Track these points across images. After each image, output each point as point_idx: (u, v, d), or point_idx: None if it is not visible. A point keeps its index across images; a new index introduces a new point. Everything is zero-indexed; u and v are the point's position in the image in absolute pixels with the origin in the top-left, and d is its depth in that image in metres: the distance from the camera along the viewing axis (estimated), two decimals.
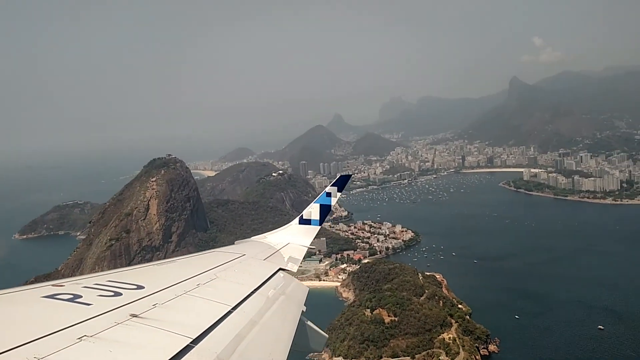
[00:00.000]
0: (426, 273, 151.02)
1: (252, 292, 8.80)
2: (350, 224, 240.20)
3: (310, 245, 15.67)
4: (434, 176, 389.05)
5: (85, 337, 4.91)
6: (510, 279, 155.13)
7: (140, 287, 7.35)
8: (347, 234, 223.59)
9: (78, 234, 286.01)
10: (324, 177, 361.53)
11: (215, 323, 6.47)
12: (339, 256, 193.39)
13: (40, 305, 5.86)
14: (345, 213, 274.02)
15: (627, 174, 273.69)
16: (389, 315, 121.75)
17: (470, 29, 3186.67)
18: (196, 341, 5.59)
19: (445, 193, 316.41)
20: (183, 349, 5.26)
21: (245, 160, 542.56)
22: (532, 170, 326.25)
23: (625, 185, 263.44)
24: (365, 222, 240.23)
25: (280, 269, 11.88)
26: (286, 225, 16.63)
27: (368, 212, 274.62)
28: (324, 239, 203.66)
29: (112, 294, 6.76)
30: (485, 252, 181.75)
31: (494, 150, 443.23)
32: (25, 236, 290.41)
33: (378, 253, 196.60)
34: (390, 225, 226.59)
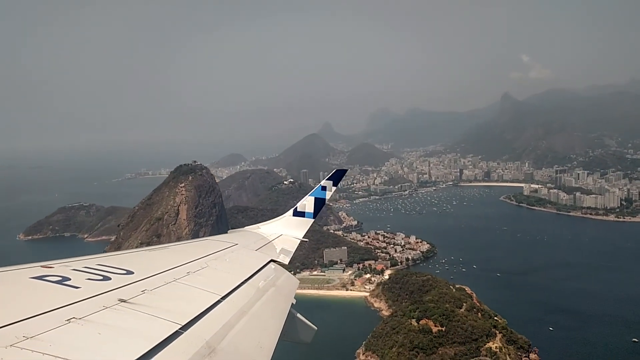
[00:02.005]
0: (456, 285, 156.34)
1: (243, 283, 8.93)
2: (364, 234, 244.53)
3: (303, 237, 15.76)
4: (434, 188, 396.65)
5: (73, 320, 4.98)
6: (538, 293, 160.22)
7: (129, 273, 7.48)
8: (362, 243, 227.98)
9: (85, 236, 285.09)
10: None
11: (204, 311, 6.62)
12: (360, 266, 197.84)
13: (29, 286, 5.95)
14: (355, 222, 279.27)
15: (625, 192, 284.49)
16: (435, 325, 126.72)
17: (458, 44, 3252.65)
18: (185, 328, 5.74)
19: (448, 205, 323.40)
20: (172, 334, 5.38)
21: (238, 167, 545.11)
22: (533, 185, 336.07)
23: (625, 203, 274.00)
24: (377, 232, 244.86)
25: (272, 260, 11.98)
26: (280, 217, 16.77)
27: (376, 222, 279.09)
28: (345, 248, 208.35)
29: (101, 278, 6.88)
30: (506, 266, 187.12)
31: (489, 164, 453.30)
32: (30, 237, 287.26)
33: (399, 264, 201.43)
34: (404, 236, 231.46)
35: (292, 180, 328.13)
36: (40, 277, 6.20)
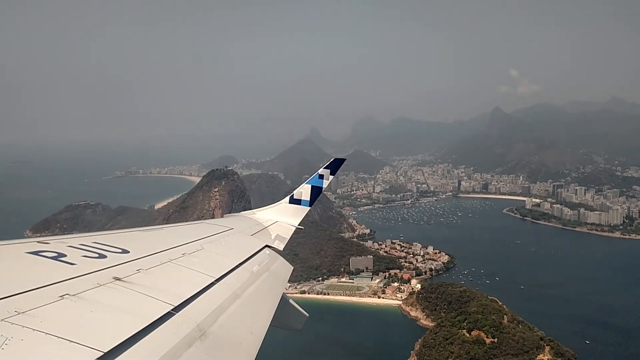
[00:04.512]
0: (488, 297, 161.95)
1: (237, 266, 8.99)
2: (380, 242, 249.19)
3: (298, 225, 15.86)
4: (435, 199, 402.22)
5: (67, 296, 4.98)
6: (568, 306, 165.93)
7: (125, 252, 7.48)
8: (382, 252, 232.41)
9: None
10: (329, 192, 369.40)
11: (197, 293, 6.65)
12: (387, 274, 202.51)
13: (24, 260, 5.96)
14: (368, 231, 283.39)
15: (625, 210, 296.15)
16: (487, 337, 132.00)
17: (446, 55, 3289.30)
18: (177, 309, 5.77)
19: (454, 216, 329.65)
20: (164, 315, 5.41)
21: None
22: (534, 199, 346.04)
23: (627, 221, 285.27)
24: (393, 241, 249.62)
25: (266, 245, 12.05)
26: (276, 203, 16.89)
27: (387, 231, 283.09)
28: (371, 257, 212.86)
29: (97, 255, 6.88)
30: (529, 279, 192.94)
31: (483, 176, 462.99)
32: (38, 234, 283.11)
33: (424, 273, 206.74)
34: (421, 246, 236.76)
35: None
36: (36, 252, 6.29)
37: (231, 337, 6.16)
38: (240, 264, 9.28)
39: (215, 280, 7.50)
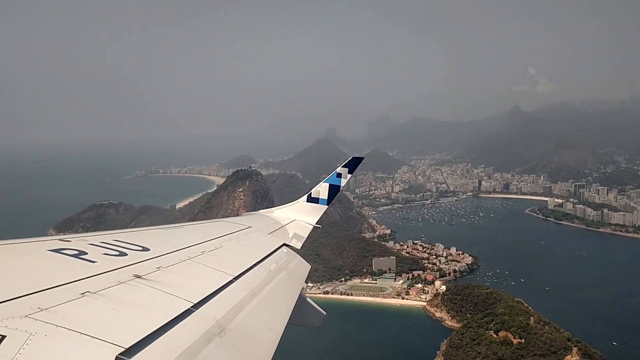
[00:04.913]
0: (514, 298, 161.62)
1: (255, 265, 9.08)
2: (402, 243, 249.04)
3: (316, 223, 15.83)
4: (455, 199, 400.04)
5: (88, 293, 5.08)
6: (594, 307, 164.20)
7: (145, 249, 7.62)
8: (403, 253, 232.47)
9: None
10: (348, 192, 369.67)
11: (216, 290, 6.75)
12: (409, 275, 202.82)
13: (46, 258, 6.08)
14: (389, 231, 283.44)
15: None
16: (514, 338, 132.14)
17: (462, 53, 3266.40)
18: (197, 306, 5.86)
19: (476, 217, 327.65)
20: (183, 312, 5.51)
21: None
22: (557, 200, 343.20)
23: None
24: (415, 241, 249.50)
25: (284, 244, 12.07)
26: (294, 202, 16.83)
27: (408, 231, 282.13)
28: (394, 257, 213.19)
29: (118, 253, 7.02)
30: (555, 281, 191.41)
31: (503, 176, 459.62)
32: (62, 233, 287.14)
33: (447, 275, 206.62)
34: (443, 247, 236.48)
35: None
36: (57, 250, 6.44)
37: (250, 334, 6.33)
38: (258, 262, 9.43)
39: (233, 278, 7.65)
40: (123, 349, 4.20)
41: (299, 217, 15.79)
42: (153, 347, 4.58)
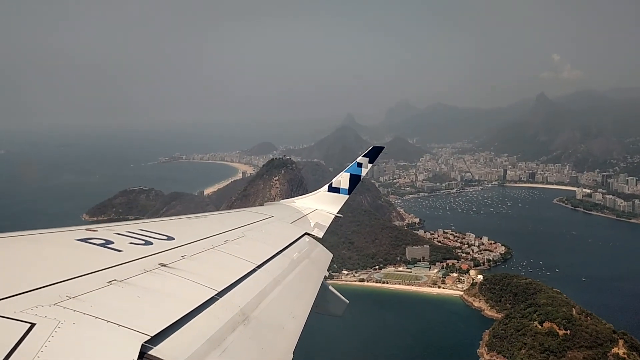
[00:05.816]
0: (552, 289, 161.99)
1: (278, 253, 9.20)
2: (432, 232, 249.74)
3: (337, 213, 15.91)
4: (481, 188, 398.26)
5: (114, 282, 5.23)
6: (632, 300, 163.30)
7: (170, 238, 7.78)
8: (435, 242, 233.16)
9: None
10: (373, 181, 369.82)
11: (240, 279, 6.89)
12: (444, 264, 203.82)
13: (73, 247, 6.26)
14: (417, 220, 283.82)
15: None
16: (560, 329, 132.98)
17: (484, 39, 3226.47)
18: (221, 294, 6.02)
19: (503, 206, 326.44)
20: (208, 300, 5.67)
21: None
22: (585, 190, 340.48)
23: None
24: (445, 230, 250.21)
25: (306, 233, 12.21)
26: (315, 192, 16.93)
27: (436, 220, 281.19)
28: (428, 246, 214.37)
29: (143, 242, 7.18)
30: (590, 272, 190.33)
31: (528, 165, 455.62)
32: (95, 218, 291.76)
33: (481, 264, 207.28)
34: (475, 236, 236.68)
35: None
36: (84, 240, 6.61)
37: (273, 322, 6.48)
38: (281, 251, 9.56)
39: (256, 267, 7.80)
40: (149, 337, 4.28)
41: (320, 206, 15.95)
42: (178, 335, 4.66)
